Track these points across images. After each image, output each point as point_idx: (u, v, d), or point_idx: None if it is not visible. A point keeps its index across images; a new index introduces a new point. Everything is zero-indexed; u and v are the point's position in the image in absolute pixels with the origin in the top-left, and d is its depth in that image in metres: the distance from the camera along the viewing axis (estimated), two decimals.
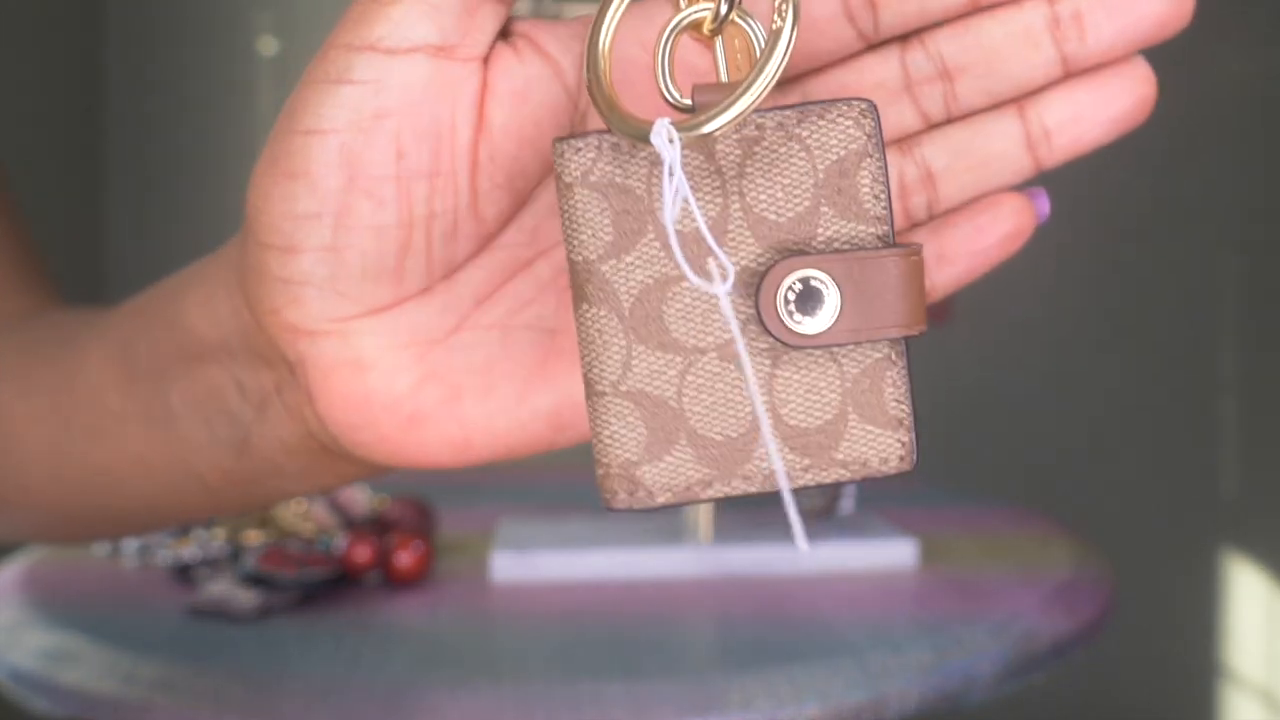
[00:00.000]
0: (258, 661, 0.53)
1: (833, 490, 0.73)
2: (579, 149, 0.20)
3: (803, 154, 0.19)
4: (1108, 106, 0.24)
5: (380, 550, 0.65)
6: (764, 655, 0.54)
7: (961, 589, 0.65)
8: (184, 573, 0.68)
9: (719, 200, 0.20)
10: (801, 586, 0.66)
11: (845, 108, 0.19)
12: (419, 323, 0.23)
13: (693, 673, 0.51)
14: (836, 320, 0.19)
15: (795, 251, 0.19)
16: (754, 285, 0.19)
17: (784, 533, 0.72)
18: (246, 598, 0.61)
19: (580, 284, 0.20)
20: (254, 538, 0.72)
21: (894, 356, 0.20)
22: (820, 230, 0.19)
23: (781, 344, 0.20)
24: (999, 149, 0.24)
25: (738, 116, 0.18)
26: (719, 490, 0.20)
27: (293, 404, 0.25)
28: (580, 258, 0.20)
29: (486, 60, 0.22)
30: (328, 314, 0.23)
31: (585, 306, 0.20)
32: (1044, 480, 2.05)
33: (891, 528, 0.74)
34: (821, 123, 0.19)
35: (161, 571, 0.70)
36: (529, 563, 0.67)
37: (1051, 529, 0.81)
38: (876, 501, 0.89)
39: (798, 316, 0.19)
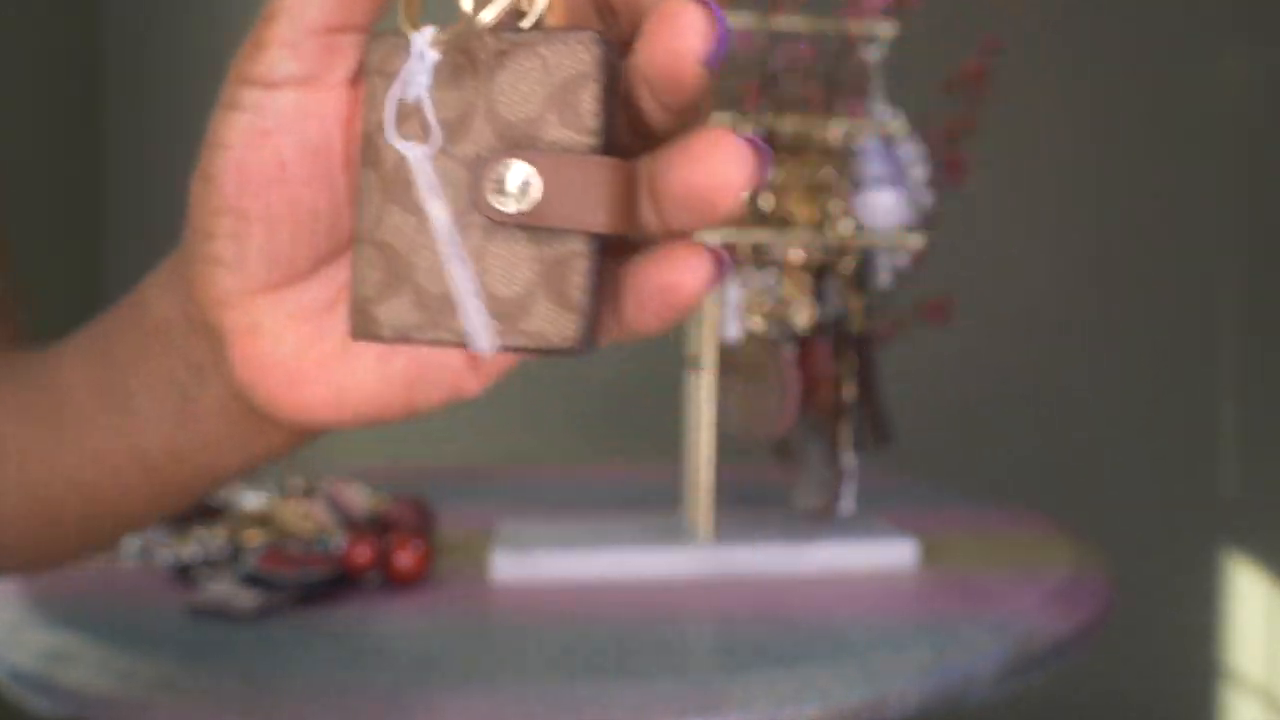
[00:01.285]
0: (258, 661, 0.53)
1: (833, 490, 0.73)
2: (376, 45, 0.25)
3: (541, 68, 0.23)
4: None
5: (380, 550, 0.65)
6: (764, 655, 0.54)
7: (961, 589, 0.65)
8: (184, 573, 0.68)
9: (470, 96, 0.24)
10: (801, 586, 0.66)
11: (579, 35, 0.23)
12: (303, 299, 0.29)
13: (693, 673, 0.51)
14: (536, 208, 0.23)
15: (519, 146, 0.23)
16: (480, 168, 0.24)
17: (784, 533, 0.72)
18: (246, 598, 0.61)
19: (362, 150, 0.25)
20: (254, 538, 0.72)
21: (585, 250, 0.23)
22: (544, 133, 0.23)
23: (492, 221, 0.23)
24: None
25: (476, 28, 0.23)
26: (429, 336, 0.24)
27: (224, 371, 0.31)
28: (364, 130, 0.25)
29: (353, 81, 0.27)
30: (233, 288, 0.29)
31: (362, 169, 0.25)
32: (1044, 480, 2.05)
33: (891, 528, 0.74)
34: (559, 45, 0.23)
35: (161, 571, 0.70)
36: (529, 563, 0.67)
37: (1051, 529, 0.81)
38: (876, 501, 0.89)
39: (503, 199, 0.23)
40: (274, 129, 0.27)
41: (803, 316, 0.72)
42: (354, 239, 0.26)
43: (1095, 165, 2.07)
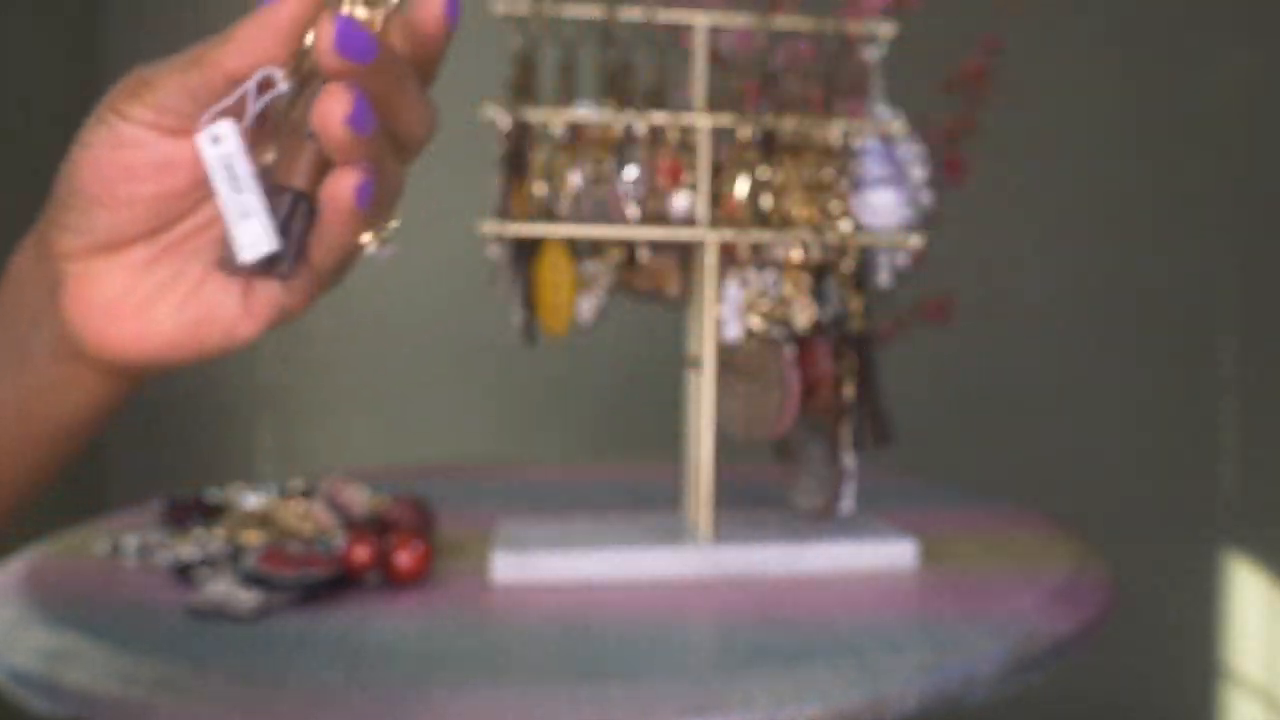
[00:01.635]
0: (258, 661, 0.53)
1: (833, 490, 0.73)
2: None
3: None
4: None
5: (380, 550, 0.65)
6: (764, 655, 0.54)
7: (961, 589, 0.65)
8: (184, 573, 0.68)
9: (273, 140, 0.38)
10: (801, 586, 0.66)
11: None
12: (128, 259, 0.40)
13: (693, 673, 0.51)
14: (266, 174, 0.38)
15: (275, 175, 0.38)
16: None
17: (784, 533, 0.72)
18: (246, 598, 0.61)
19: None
20: (254, 538, 0.72)
21: (290, 198, 0.38)
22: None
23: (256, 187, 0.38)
24: None
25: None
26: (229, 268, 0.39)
27: (56, 315, 0.40)
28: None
29: (188, 130, 0.38)
30: (75, 246, 0.39)
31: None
32: (1044, 480, 2.05)
33: (891, 528, 0.74)
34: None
35: (161, 571, 0.70)
36: (529, 563, 0.67)
37: (1051, 529, 0.81)
38: (876, 501, 0.89)
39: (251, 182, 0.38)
40: (127, 145, 0.39)
41: (803, 316, 0.72)
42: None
43: (1095, 165, 2.07)
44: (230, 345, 0.42)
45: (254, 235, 0.37)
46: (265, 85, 0.38)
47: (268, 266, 0.37)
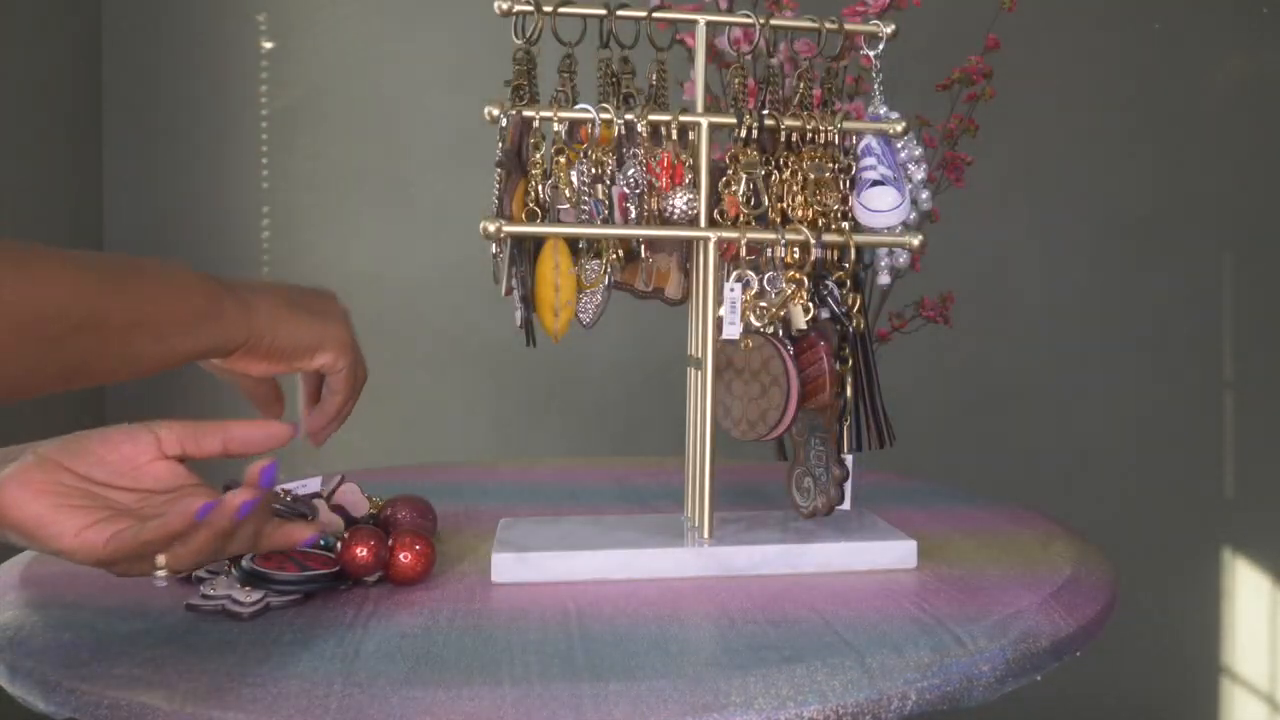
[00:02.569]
0: (258, 661, 0.53)
1: (833, 490, 0.73)
2: None
3: None
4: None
5: (380, 550, 0.65)
6: (764, 655, 0.54)
7: (961, 589, 0.65)
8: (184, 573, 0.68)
9: None
10: (801, 586, 0.66)
11: None
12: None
13: (693, 673, 0.51)
14: None
15: None
16: None
17: (784, 533, 0.72)
18: (246, 598, 0.61)
19: None
20: None
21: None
22: None
23: None
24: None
25: None
26: None
27: None
28: None
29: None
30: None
31: None
32: (1044, 480, 2.05)
33: (891, 528, 0.74)
34: None
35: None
36: (529, 563, 0.67)
37: (1051, 529, 0.81)
38: (876, 501, 0.89)
39: None
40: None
41: (802, 316, 0.72)
42: None
43: (1095, 165, 2.07)
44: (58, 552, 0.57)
45: None
46: None
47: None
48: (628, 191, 0.71)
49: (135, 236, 2.04)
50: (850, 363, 0.73)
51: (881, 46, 0.75)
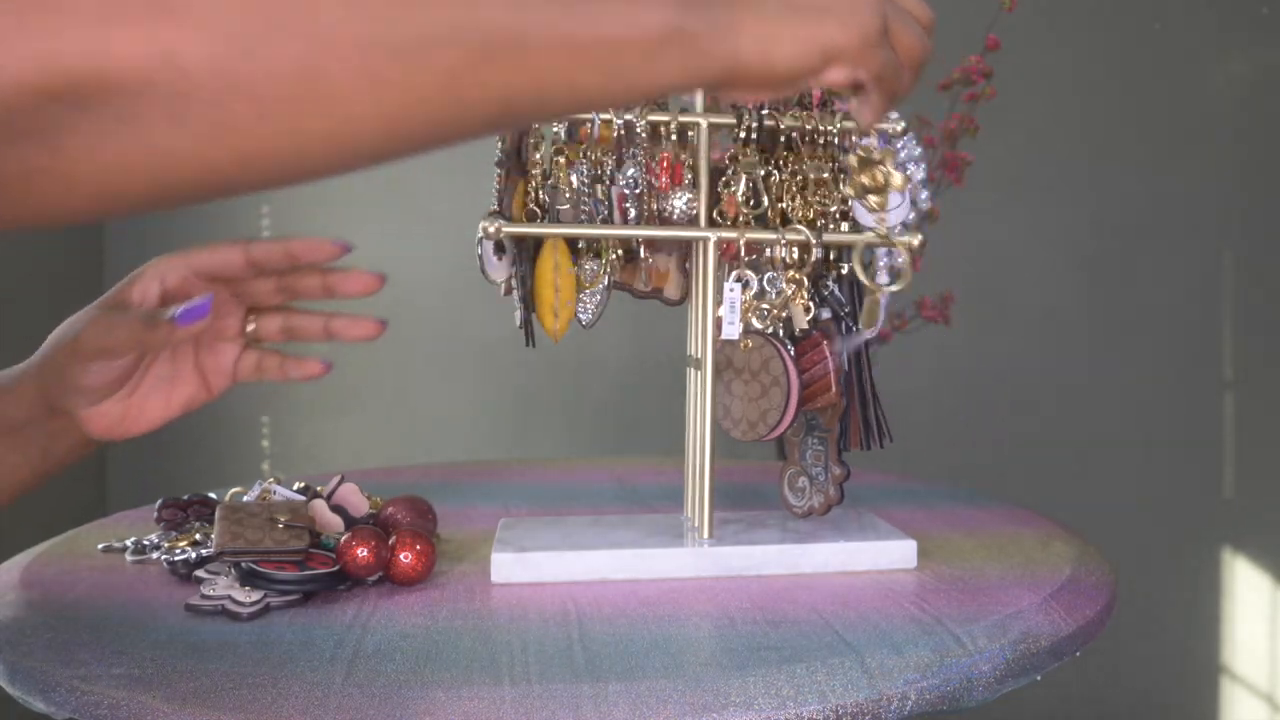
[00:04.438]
0: (258, 661, 0.53)
1: (832, 490, 0.73)
2: None
3: None
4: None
5: (380, 550, 0.65)
6: (764, 655, 0.54)
7: (961, 589, 0.65)
8: (184, 573, 0.68)
9: None
10: (801, 586, 0.66)
11: None
12: (119, 397, 0.68)
13: (693, 673, 0.51)
14: None
15: None
16: None
17: (784, 533, 0.72)
18: (246, 598, 0.61)
19: None
20: None
21: None
22: None
23: None
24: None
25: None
26: None
27: (71, 430, 0.69)
28: None
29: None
30: (83, 405, 0.66)
31: None
32: (1044, 480, 2.05)
33: (891, 528, 0.74)
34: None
35: (161, 571, 0.70)
36: (529, 563, 0.67)
37: (1051, 529, 0.81)
38: (876, 501, 0.89)
39: None
40: (115, 370, 0.64)
41: (803, 316, 0.72)
42: None
43: (1095, 165, 2.07)
44: (209, 401, 0.71)
45: None
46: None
47: None
48: (627, 192, 0.71)
49: (135, 235, 2.04)
50: (850, 362, 0.73)
51: None
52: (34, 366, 0.67)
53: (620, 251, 0.72)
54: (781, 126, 0.72)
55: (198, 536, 0.73)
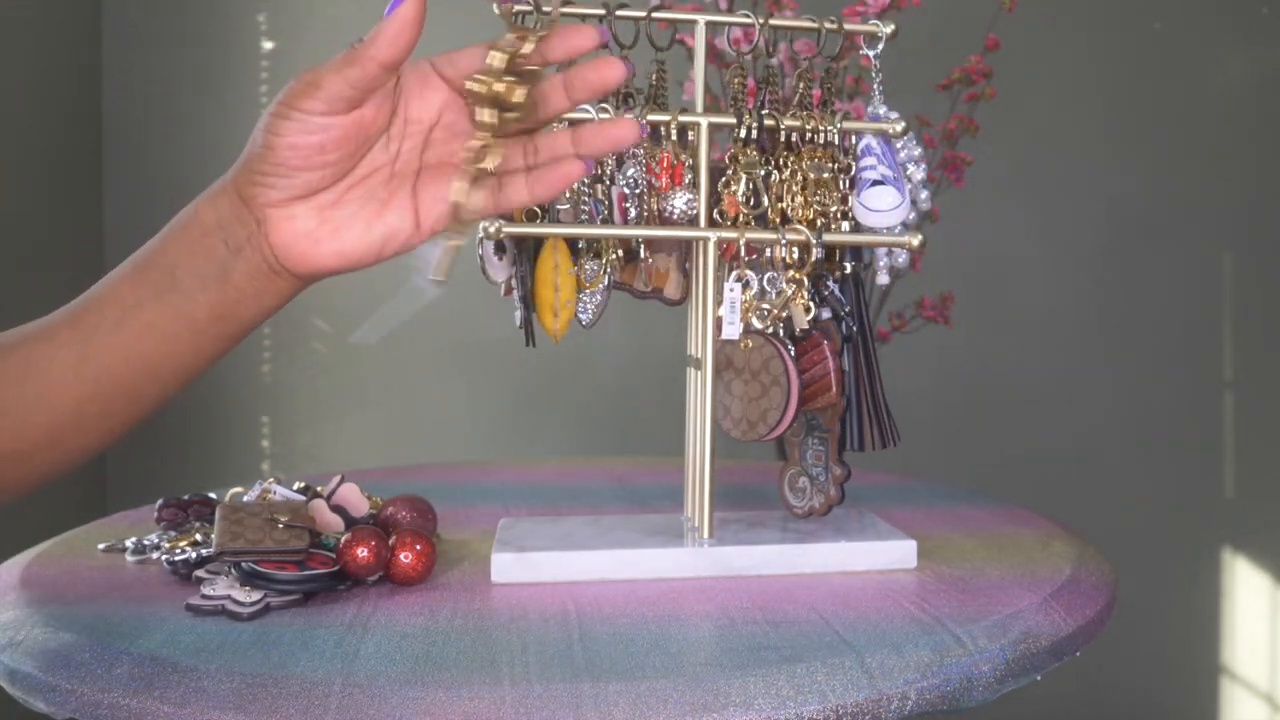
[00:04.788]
0: (258, 661, 0.53)
1: (833, 490, 0.73)
2: None
3: None
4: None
5: (380, 550, 0.65)
6: (764, 655, 0.54)
7: (961, 589, 0.65)
8: (184, 573, 0.68)
9: None
10: (801, 586, 0.66)
11: None
12: (320, 200, 0.55)
13: (693, 673, 0.51)
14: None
15: None
16: None
17: (784, 533, 0.72)
18: (246, 598, 0.61)
19: None
20: None
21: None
22: None
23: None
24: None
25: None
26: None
27: (257, 244, 0.55)
28: None
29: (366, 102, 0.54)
30: (278, 198, 0.54)
31: None
32: (1043, 480, 2.05)
33: (891, 528, 0.74)
34: None
35: (161, 571, 0.70)
36: (529, 563, 0.67)
37: (1051, 529, 0.81)
38: (876, 501, 0.89)
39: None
40: (315, 131, 0.53)
41: (803, 316, 0.72)
42: None
43: (1095, 165, 2.07)
44: (408, 248, 0.58)
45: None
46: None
47: None
48: (627, 191, 0.71)
49: (135, 237, 2.03)
50: (850, 363, 0.73)
51: (881, 46, 0.75)
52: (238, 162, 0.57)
53: (620, 251, 0.72)
54: (782, 126, 0.72)
55: (198, 536, 0.73)
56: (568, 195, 0.70)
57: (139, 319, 0.55)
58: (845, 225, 0.73)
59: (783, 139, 0.73)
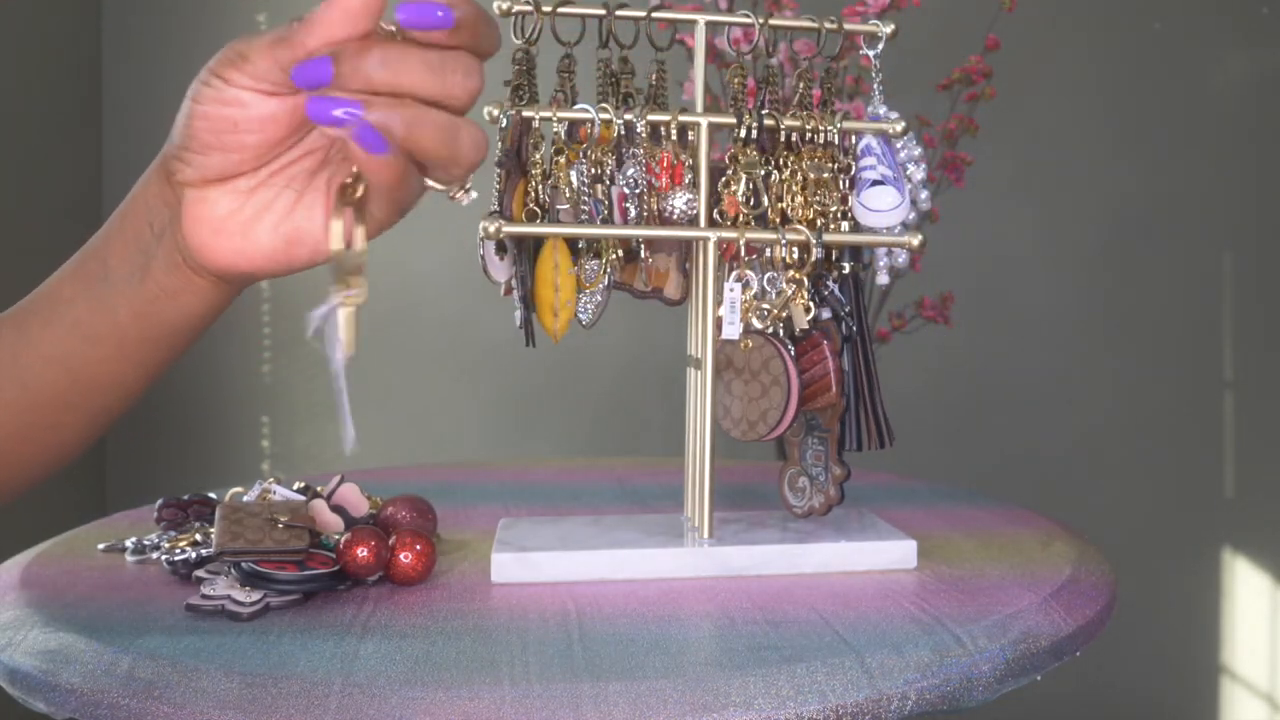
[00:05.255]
0: (258, 661, 0.53)
1: (832, 490, 0.73)
2: None
3: None
4: None
5: (380, 550, 0.65)
6: (764, 655, 0.54)
7: (961, 589, 0.65)
8: (184, 573, 0.68)
9: None
10: (801, 586, 0.66)
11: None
12: (236, 186, 0.50)
13: (693, 673, 0.51)
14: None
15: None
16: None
17: (783, 533, 0.72)
18: (246, 598, 0.61)
19: None
20: None
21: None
22: None
23: None
24: None
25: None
26: None
27: (173, 230, 0.51)
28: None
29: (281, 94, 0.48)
30: (193, 177, 0.50)
31: None
32: (1043, 480, 2.05)
33: (891, 528, 0.74)
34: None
35: (161, 571, 0.70)
36: (529, 563, 0.67)
37: (1051, 529, 0.81)
38: (876, 501, 0.89)
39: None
40: (232, 105, 0.48)
41: (803, 316, 0.72)
42: None
43: (1095, 165, 2.07)
44: (315, 261, 0.51)
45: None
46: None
47: None
48: (627, 191, 0.71)
49: None
50: (850, 363, 0.73)
51: (881, 46, 0.75)
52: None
53: (620, 251, 0.72)
54: (782, 126, 0.72)
55: (198, 536, 0.73)
56: (568, 195, 0.70)
57: (68, 315, 0.52)
58: (845, 225, 0.73)
59: (783, 139, 0.73)
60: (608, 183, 0.71)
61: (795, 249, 0.71)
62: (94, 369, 0.53)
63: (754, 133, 0.72)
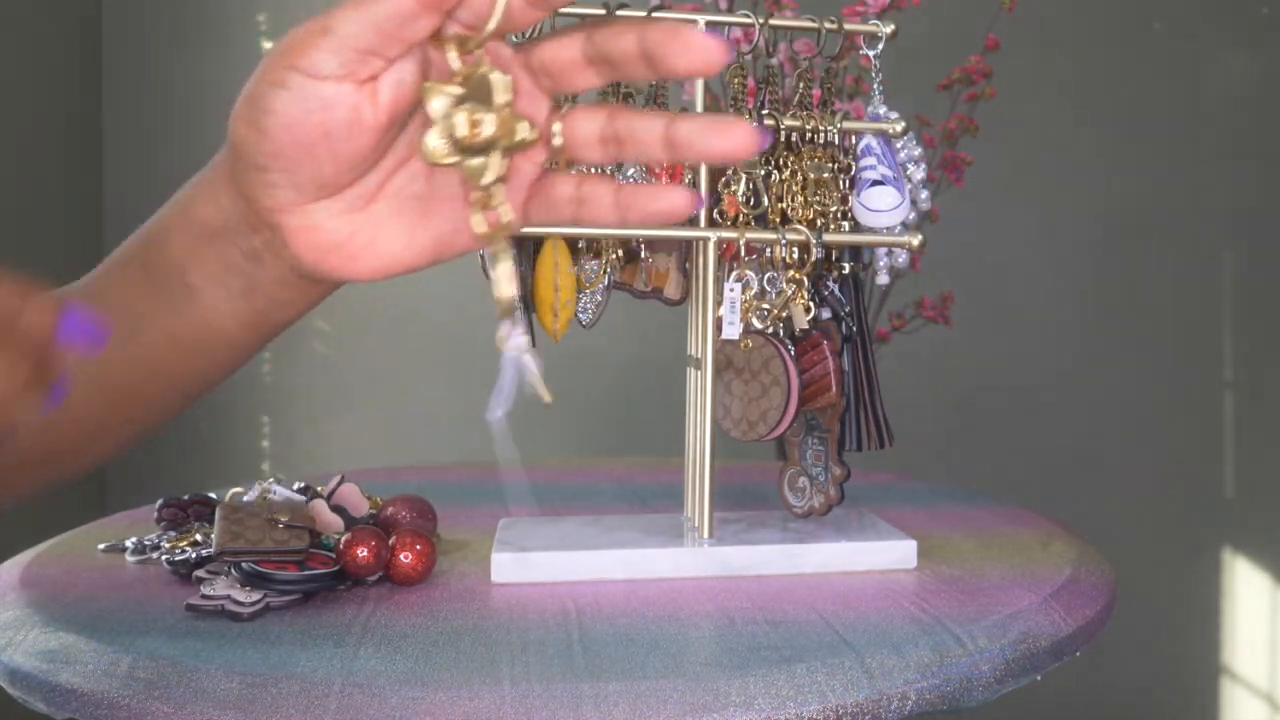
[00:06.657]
0: (258, 661, 0.53)
1: (832, 490, 0.73)
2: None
3: None
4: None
5: (380, 550, 0.65)
6: (764, 655, 0.54)
7: (961, 589, 0.65)
8: (184, 573, 0.68)
9: None
10: (801, 586, 0.66)
11: None
12: (345, 201, 0.42)
13: (693, 673, 0.51)
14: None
15: None
16: None
17: (784, 533, 0.72)
18: (246, 598, 0.61)
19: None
20: None
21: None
22: None
23: None
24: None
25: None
26: None
27: (277, 251, 0.44)
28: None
29: (376, 76, 0.39)
30: (287, 201, 0.41)
31: None
32: (1044, 480, 2.05)
33: (891, 528, 0.74)
34: None
35: (161, 571, 0.70)
36: (529, 562, 0.67)
37: (1051, 529, 0.81)
38: (876, 501, 0.89)
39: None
40: (317, 109, 0.38)
41: (803, 316, 0.72)
42: None
43: (1095, 165, 2.07)
44: (469, 251, 0.45)
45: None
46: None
47: None
48: None
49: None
50: (850, 363, 0.73)
51: (881, 46, 0.75)
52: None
53: (620, 251, 0.72)
54: (782, 126, 0.72)
55: (198, 536, 0.73)
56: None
57: (157, 329, 0.47)
58: (845, 225, 0.73)
59: (783, 139, 0.73)
60: None
61: (795, 249, 0.71)
62: (195, 370, 0.49)
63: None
